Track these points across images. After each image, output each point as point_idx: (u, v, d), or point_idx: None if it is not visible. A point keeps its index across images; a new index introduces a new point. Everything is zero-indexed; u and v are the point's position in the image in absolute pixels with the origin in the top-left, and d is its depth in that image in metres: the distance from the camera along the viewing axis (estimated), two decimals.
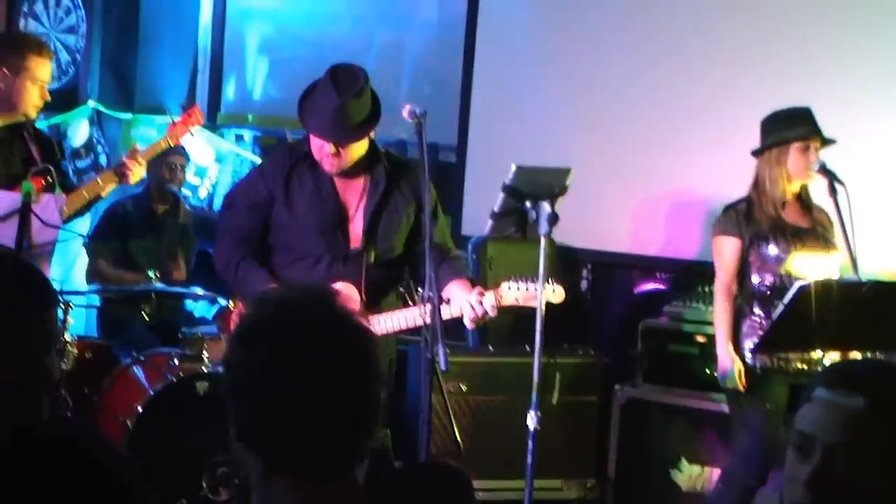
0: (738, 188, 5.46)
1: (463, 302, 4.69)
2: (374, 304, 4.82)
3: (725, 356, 5.33)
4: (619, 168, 6.78)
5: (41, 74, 5.48)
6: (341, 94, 4.71)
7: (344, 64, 4.87)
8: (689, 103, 6.64)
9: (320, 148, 4.77)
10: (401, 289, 5.11)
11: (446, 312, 4.71)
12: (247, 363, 2.09)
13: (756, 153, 5.36)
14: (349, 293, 4.73)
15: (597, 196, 6.65)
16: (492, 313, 4.66)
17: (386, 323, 4.81)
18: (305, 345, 2.07)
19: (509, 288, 4.75)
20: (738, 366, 5.28)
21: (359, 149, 4.84)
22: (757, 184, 5.35)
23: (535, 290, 4.73)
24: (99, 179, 5.72)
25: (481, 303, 4.62)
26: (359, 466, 2.13)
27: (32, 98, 5.47)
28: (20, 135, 5.54)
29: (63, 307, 5.50)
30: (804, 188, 5.36)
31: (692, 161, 6.61)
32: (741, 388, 5.28)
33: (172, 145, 5.96)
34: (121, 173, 5.67)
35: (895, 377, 2.24)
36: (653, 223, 6.75)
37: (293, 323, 2.10)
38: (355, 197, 4.91)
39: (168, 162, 6.84)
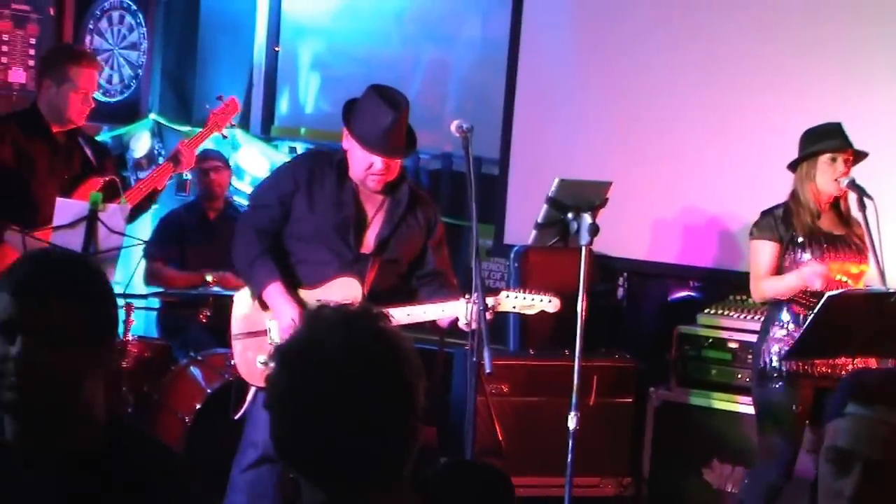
0: (772, 200, 5.49)
1: (459, 306, 4.79)
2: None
3: (800, 274, 5.26)
4: (655, 181, 6.83)
5: (83, 84, 5.65)
6: (394, 109, 4.80)
7: (384, 85, 4.97)
8: (724, 118, 6.67)
9: (368, 165, 4.85)
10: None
11: (436, 312, 4.87)
12: (282, 381, 2.09)
13: (791, 167, 5.40)
14: (352, 286, 4.91)
15: (633, 207, 6.67)
16: (488, 315, 4.70)
17: (415, 313, 4.89)
18: (339, 365, 2.06)
19: (507, 296, 4.89)
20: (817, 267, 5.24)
21: (398, 165, 4.97)
22: (794, 195, 5.39)
23: (531, 299, 4.88)
24: (154, 172, 5.97)
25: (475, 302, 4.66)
26: (403, 473, 2.12)
27: (77, 107, 5.65)
28: (76, 141, 5.76)
29: (125, 309, 5.64)
30: (839, 198, 5.38)
31: (726, 174, 6.64)
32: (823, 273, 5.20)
33: (218, 133, 6.08)
34: (176, 159, 5.90)
35: None
36: (686, 233, 6.79)
37: (329, 343, 2.07)
38: (373, 208, 5.00)
39: (204, 168, 6.97)
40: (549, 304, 4.91)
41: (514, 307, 4.93)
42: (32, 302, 2.30)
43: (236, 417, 5.09)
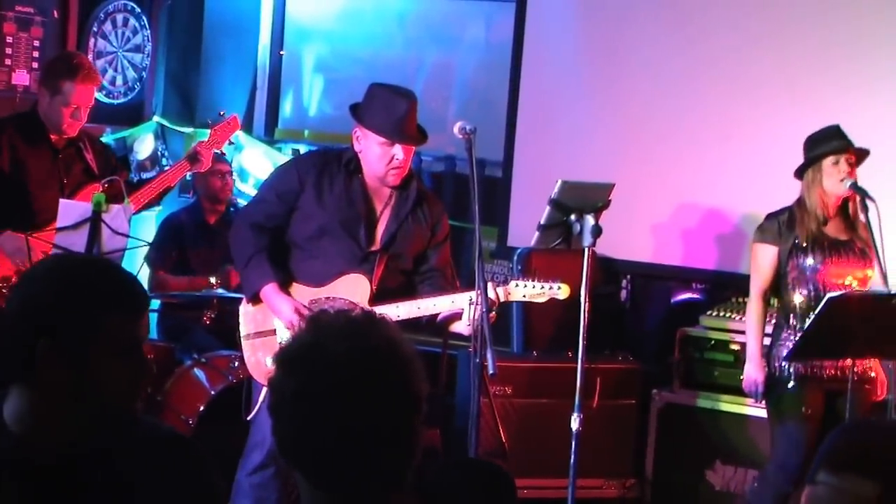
0: (774, 202, 5.53)
1: (463, 301, 4.80)
2: (382, 301, 4.88)
3: (753, 366, 5.42)
4: (657, 183, 6.85)
5: (75, 99, 5.66)
6: (406, 98, 4.87)
7: (385, 83, 5.03)
8: (727, 121, 6.70)
9: (389, 159, 4.87)
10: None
11: (445, 303, 4.88)
12: (284, 385, 2.10)
13: (797, 175, 5.41)
14: (361, 283, 4.93)
15: (636, 209, 6.69)
16: (491, 317, 4.71)
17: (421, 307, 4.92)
18: (342, 371, 2.06)
19: (517, 286, 4.91)
20: (760, 379, 5.38)
21: (411, 158, 5.01)
22: (800, 202, 5.41)
23: (541, 287, 4.91)
24: (169, 171, 5.99)
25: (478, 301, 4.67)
26: (404, 479, 2.13)
27: (67, 120, 5.67)
28: (77, 147, 5.78)
29: None
30: (846, 203, 5.40)
31: (729, 176, 6.67)
32: (758, 400, 5.41)
33: (217, 150, 6.10)
34: (195, 158, 5.93)
35: None
36: (689, 236, 6.81)
37: (332, 349, 2.08)
38: (380, 205, 5.02)
39: (217, 170, 6.95)
40: (559, 290, 4.94)
41: (524, 296, 4.95)
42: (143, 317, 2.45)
43: (248, 418, 5.10)
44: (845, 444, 2.06)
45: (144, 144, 8.18)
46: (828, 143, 5.35)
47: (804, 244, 5.37)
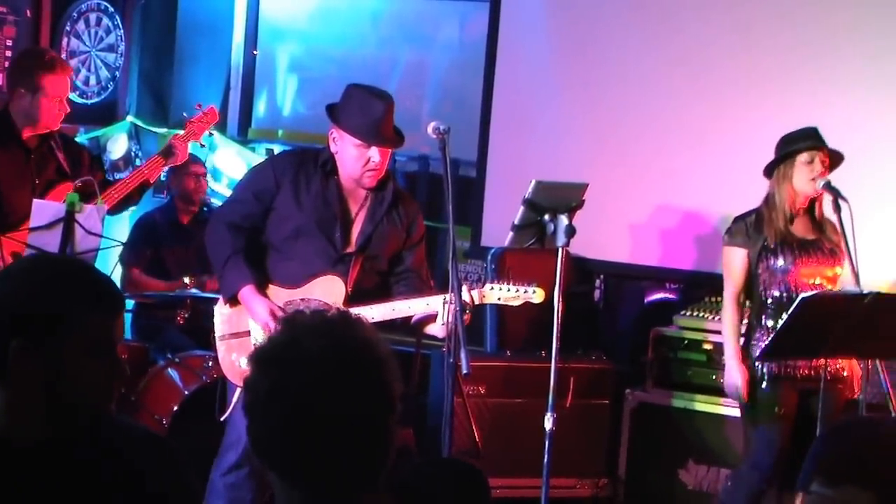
0: (747, 202, 5.53)
1: (438, 304, 4.81)
2: (357, 302, 4.86)
3: (733, 369, 5.41)
4: (631, 183, 6.86)
5: (56, 90, 5.64)
6: (383, 100, 4.86)
7: (362, 84, 5.02)
8: (701, 121, 6.70)
9: (365, 161, 4.87)
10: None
11: (420, 306, 4.88)
12: (259, 384, 2.11)
13: (767, 171, 5.42)
14: (336, 284, 4.93)
15: (610, 209, 6.70)
16: (466, 317, 4.71)
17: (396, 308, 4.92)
18: (317, 369, 2.07)
19: (492, 288, 4.91)
20: (745, 379, 5.37)
21: (388, 160, 5.00)
22: (768, 200, 5.41)
23: (516, 290, 4.90)
24: (143, 167, 5.97)
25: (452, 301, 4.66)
26: (378, 479, 2.14)
27: (52, 113, 5.65)
28: (49, 146, 5.74)
29: None
30: (813, 202, 5.41)
31: (702, 177, 6.68)
32: (744, 399, 5.37)
33: (195, 141, 6.07)
34: (169, 152, 5.91)
35: None
36: (663, 236, 6.82)
37: (307, 347, 2.09)
38: (356, 206, 5.02)
39: (190, 172, 6.98)
40: (533, 294, 4.94)
41: (499, 299, 4.95)
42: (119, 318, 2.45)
43: (222, 419, 5.09)
44: (839, 452, 2.02)
45: (118, 144, 8.16)
46: (804, 141, 5.36)
47: (773, 245, 5.39)
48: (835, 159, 5.41)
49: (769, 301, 5.42)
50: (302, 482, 2.10)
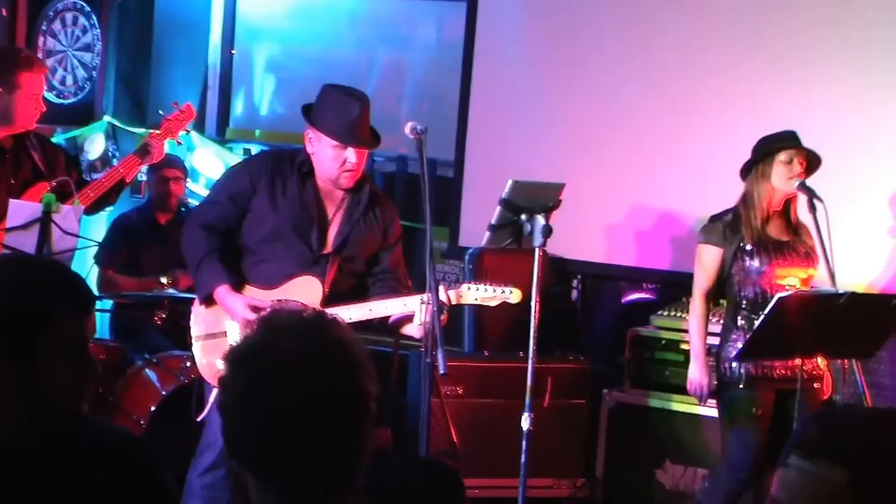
0: (723, 203, 5.53)
1: (415, 304, 4.80)
2: (334, 303, 4.86)
3: (698, 368, 5.43)
4: (609, 183, 6.86)
5: (34, 89, 5.60)
6: (359, 101, 4.85)
7: (338, 84, 5.00)
8: (677, 121, 6.72)
9: (342, 162, 4.86)
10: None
11: (397, 306, 4.88)
12: (234, 383, 2.11)
13: (744, 170, 5.42)
14: (314, 285, 4.93)
15: (588, 210, 6.71)
16: (443, 317, 4.72)
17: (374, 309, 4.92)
18: (291, 369, 2.08)
19: (469, 288, 4.91)
20: (705, 380, 5.40)
21: (365, 161, 4.99)
22: (745, 198, 5.42)
23: (493, 291, 4.90)
24: (120, 167, 5.94)
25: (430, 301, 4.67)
26: (353, 479, 2.14)
27: (29, 112, 5.61)
28: (24, 145, 5.68)
29: None
30: (788, 205, 5.43)
31: (679, 177, 6.69)
32: (704, 402, 5.43)
33: (172, 139, 6.00)
34: (145, 151, 5.88)
35: (880, 443, 1.99)
36: (640, 236, 6.83)
37: (282, 346, 2.09)
38: (332, 208, 5.01)
39: (163, 176, 6.96)
40: (510, 295, 4.94)
41: (476, 299, 4.95)
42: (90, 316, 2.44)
43: (199, 419, 5.08)
44: (819, 430, 2.06)
45: (95, 144, 8.13)
46: (783, 141, 5.38)
47: (748, 246, 5.40)
48: (812, 163, 5.41)
49: (743, 302, 5.42)
50: (275, 483, 2.10)
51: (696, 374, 5.47)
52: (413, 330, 4.88)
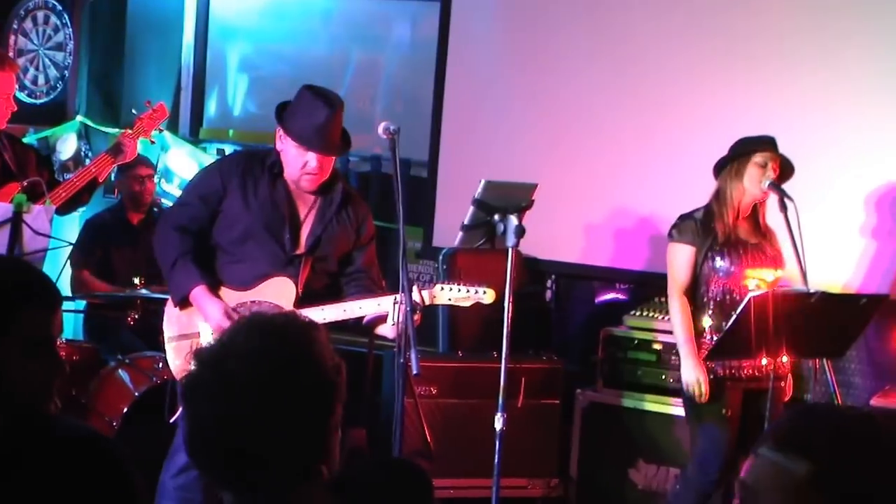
0: (696, 203, 5.51)
1: (388, 304, 4.80)
2: (308, 304, 4.87)
3: (690, 363, 5.36)
4: (582, 183, 6.87)
5: (5, 88, 5.59)
6: (330, 106, 4.82)
7: (316, 85, 4.99)
8: (649, 121, 6.72)
9: (303, 164, 4.85)
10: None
11: (371, 306, 4.87)
12: (198, 379, 2.15)
13: (717, 167, 5.42)
14: (287, 286, 4.93)
15: (561, 210, 6.72)
16: (416, 317, 4.72)
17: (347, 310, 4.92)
18: (255, 366, 2.10)
19: (442, 289, 4.92)
20: (703, 373, 5.33)
21: (332, 165, 4.97)
22: (717, 195, 5.42)
23: (466, 291, 4.92)
24: (92, 166, 5.91)
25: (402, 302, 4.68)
26: (311, 476, 2.15)
27: (0, 111, 5.60)
28: None
29: None
30: (756, 208, 5.44)
31: (651, 177, 6.69)
32: (704, 395, 5.33)
33: (145, 138, 6.02)
34: (118, 150, 5.86)
35: (847, 442, 2.00)
36: (614, 236, 6.83)
37: (246, 345, 2.12)
38: (305, 208, 5.01)
39: (135, 175, 6.95)
40: (484, 295, 4.95)
41: (449, 299, 4.95)
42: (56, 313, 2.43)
43: (171, 421, 5.07)
44: (789, 423, 2.10)
45: (67, 144, 8.12)
46: (762, 144, 5.39)
47: (718, 246, 5.40)
48: (785, 172, 5.43)
49: (710, 302, 5.43)
50: (231, 481, 2.13)
51: (692, 372, 5.37)
52: (387, 330, 4.87)
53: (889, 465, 2.00)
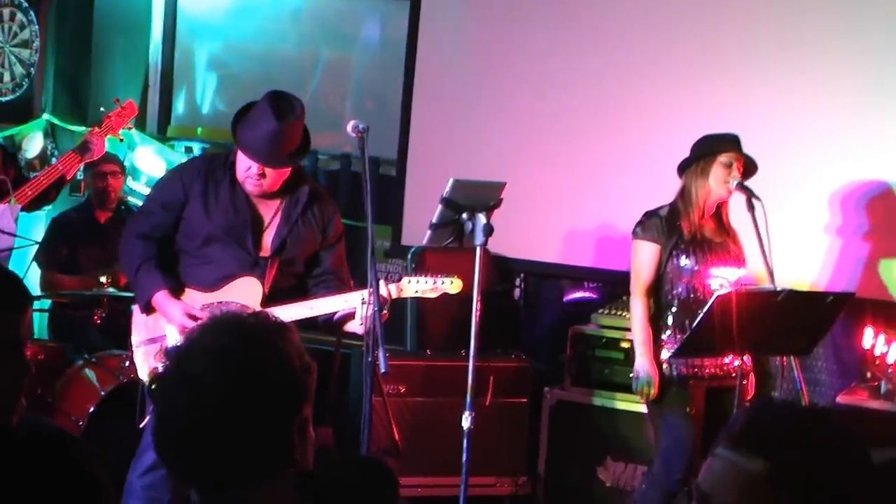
0: (663, 202, 5.52)
1: (356, 300, 4.80)
2: (275, 303, 4.85)
3: (644, 362, 5.39)
4: (551, 182, 6.88)
5: None
6: (279, 119, 4.78)
7: (283, 91, 4.95)
8: (617, 120, 6.74)
9: (246, 168, 4.85)
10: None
11: (338, 303, 4.88)
12: (166, 376, 2.16)
13: (682, 167, 5.44)
14: (254, 286, 4.93)
15: (530, 209, 6.74)
16: (383, 315, 4.71)
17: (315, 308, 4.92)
18: (222, 363, 2.11)
19: (409, 281, 4.93)
20: (654, 373, 5.36)
21: (283, 175, 4.94)
22: (683, 193, 5.43)
23: (433, 282, 4.94)
24: (59, 164, 5.89)
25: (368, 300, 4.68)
26: (276, 475, 2.17)
27: None
28: None
29: None
30: (720, 206, 5.45)
31: (619, 176, 6.71)
32: (653, 395, 5.35)
33: (113, 136, 6.01)
34: (85, 148, 5.84)
35: (803, 440, 2.00)
36: (582, 235, 6.84)
37: (213, 344, 2.13)
38: (269, 211, 5.01)
39: (99, 171, 6.91)
40: (451, 285, 4.97)
41: (416, 291, 4.96)
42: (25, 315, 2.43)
43: (141, 426, 5.06)
44: (745, 422, 2.08)
45: (34, 143, 8.08)
46: (726, 144, 5.40)
47: (683, 245, 5.41)
48: (749, 170, 5.44)
49: (674, 300, 5.45)
50: (197, 479, 2.14)
51: (646, 366, 5.38)
52: (355, 327, 4.87)
53: (844, 460, 1.99)
